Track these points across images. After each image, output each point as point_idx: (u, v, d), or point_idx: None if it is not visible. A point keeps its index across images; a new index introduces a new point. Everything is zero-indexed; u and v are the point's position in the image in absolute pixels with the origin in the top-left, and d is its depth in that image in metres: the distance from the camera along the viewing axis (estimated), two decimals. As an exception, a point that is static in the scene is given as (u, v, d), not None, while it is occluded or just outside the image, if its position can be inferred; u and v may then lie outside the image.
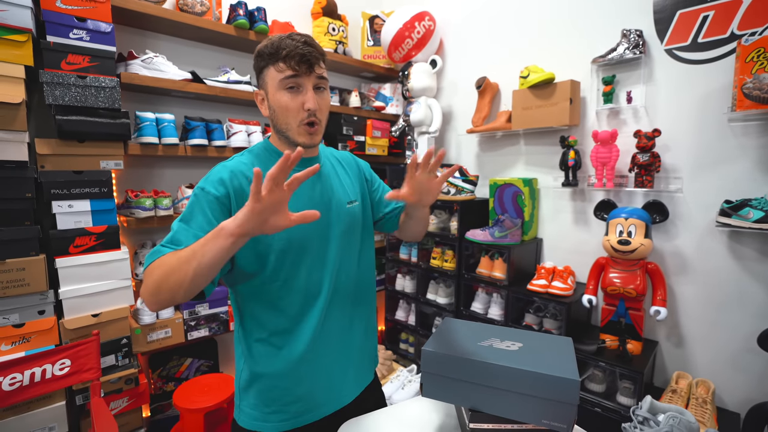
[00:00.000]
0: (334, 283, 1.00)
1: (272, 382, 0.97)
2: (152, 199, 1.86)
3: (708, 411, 1.49)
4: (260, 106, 0.99)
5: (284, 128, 0.94)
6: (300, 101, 0.92)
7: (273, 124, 0.97)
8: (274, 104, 0.93)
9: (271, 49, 0.91)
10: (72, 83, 1.52)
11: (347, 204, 1.04)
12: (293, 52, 0.89)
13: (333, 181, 1.04)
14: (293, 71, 0.90)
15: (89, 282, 1.64)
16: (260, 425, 0.98)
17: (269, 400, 0.98)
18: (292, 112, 0.92)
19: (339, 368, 1.04)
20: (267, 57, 0.92)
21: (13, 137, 1.43)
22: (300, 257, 0.94)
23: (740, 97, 1.45)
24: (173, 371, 2.10)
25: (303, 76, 0.91)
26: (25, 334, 1.53)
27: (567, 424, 0.75)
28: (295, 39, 0.90)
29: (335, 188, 1.03)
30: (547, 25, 2.14)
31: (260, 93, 0.98)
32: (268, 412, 0.98)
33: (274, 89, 0.93)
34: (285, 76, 0.91)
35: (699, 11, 1.65)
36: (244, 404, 1.00)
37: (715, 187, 1.64)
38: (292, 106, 0.92)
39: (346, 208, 1.03)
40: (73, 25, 1.54)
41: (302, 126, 0.93)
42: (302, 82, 0.92)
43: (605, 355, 1.71)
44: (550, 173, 2.15)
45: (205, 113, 2.19)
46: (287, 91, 0.92)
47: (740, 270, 1.61)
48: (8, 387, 1.33)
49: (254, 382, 0.98)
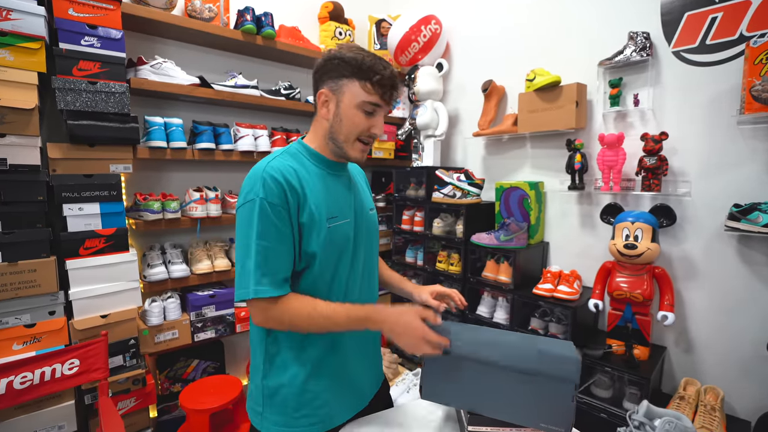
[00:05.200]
0: (361, 284, 1.04)
1: (303, 385, 0.96)
2: (160, 202, 1.89)
3: (717, 419, 1.47)
4: (321, 106, 0.98)
5: (343, 139, 0.96)
6: (370, 124, 0.96)
7: (330, 130, 0.97)
8: (345, 116, 0.95)
9: (363, 66, 0.92)
10: (83, 89, 1.55)
11: (369, 210, 1.11)
12: (386, 82, 0.93)
13: (358, 189, 1.10)
14: (380, 100, 0.94)
15: (98, 283, 1.68)
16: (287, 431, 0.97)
17: (299, 404, 0.96)
18: (359, 130, 0.95)
19: (361, 368, 1.07)
20: (356, 70, 0.92)
21: (27, 142, 1.47)
22: (339, 258, 0.98)
23: (749, 100, 1.43)
24: (180, 372, 2.12)
25: (384, 106, 0.96)
26: (36, 334, 1.56)
27: (565, 427, 0.75)
28: (387, 68, 0.93)
29: (361, 195, 1.09)
30: (554, 27, 2.13)
31: (328, 95, 0.96)
32: (297, 417, 0.97)
33: (351, 104, 0.94)
34: (370, 101, 0.93)
35: (707, 13, 1.63)
36: (269, 412, 0.98)
37: (724, 191, 1.62)
38: (362, 126, 0.95)
39: (369, 214, 1.09)
40: (85, 32, 1.57)
41: (359, 142, 0.97)
42: (379, 110, 0.96)
43: (612, 361, 1.69)
44: (557, 177, 2.13)
45: (213, 117, 2.22)
46: (364, 112, 0.94)
47: (750, 275, 1.58)
48: (19, 385, 1.36)
49: (283, 387, 0.96)
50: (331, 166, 1.01)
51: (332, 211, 0.95)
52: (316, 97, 0.98)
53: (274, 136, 2.25)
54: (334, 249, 0.95)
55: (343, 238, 0.97)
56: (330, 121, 0.97)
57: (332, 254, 0.95)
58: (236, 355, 2.47)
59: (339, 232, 0.96)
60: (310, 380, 0.97)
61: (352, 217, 1.01)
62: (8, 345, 1.52)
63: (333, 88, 0.95)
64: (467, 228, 2.20)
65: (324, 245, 0.93)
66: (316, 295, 0.94)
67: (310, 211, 0.91)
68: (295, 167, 0.94)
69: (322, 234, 0.92)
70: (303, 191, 0.91)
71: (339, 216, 0.96)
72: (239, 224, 0.91)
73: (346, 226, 0.98)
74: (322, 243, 0.93)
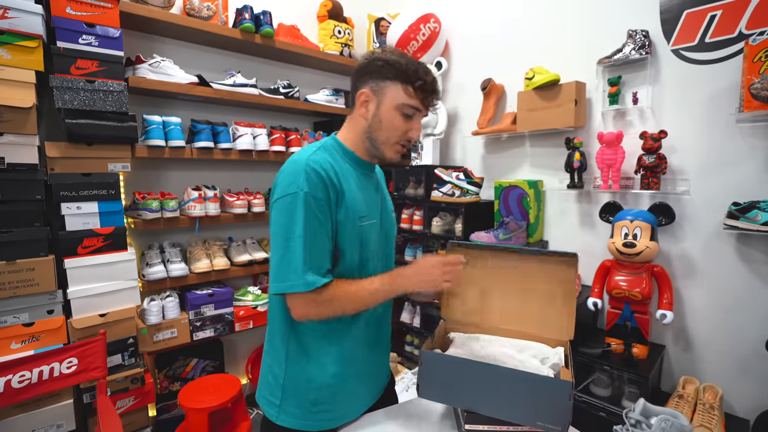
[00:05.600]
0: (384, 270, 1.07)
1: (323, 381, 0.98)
2: (159, 201, 1.89)
3: (715, 417, 1.46)
4: (360, 105, 0.99)
5: (381, 140, 0.98)
6: (408, 127, 0.98)
7: (368, 130, 0.99)
8: (384, 118, 0.97)
9: (407, 70, 0.94)
10: (81, 87, 1.55)
11: (391, 212, 1.15)
12: (428, 88, 0.96)
13: (383, 190, 1.13)
14: (420, 104, 0.96)
15: (97, 282, 1.68)
16: (303, 424, 0.98)
17: (317, 399, 0.98)
18: (398, 133, 0.98)
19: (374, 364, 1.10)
20: (399, 74, 0.94)
21: (24, 140, 1.47)
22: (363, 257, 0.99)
23: (748, 98, 1.43)
24: (179, 371, 2.12)
25: (423, 110, 0.98)
26: (35, 333, 1.56)
27: (561, 426, 0.75)
28: (429, 75, 0.97)
29: (385, 197, 1.12)
30: (552, 26, 2.13)
31: (369, 95, 0.97)
32: (315, 411, 0.98)
33: (391, 106, 0.96)
34: (410, 105, 0.95)
35: (706, 11, 1.63)
36: (287, 404, 0.98)
37: (723, 189, 1.61)
38: (401, 129, 0.97)
39: (390, 216, 1.14)
40: (83, 30, 1.57)
41: (397, 146, 1.00)
42: (418, 114, 0.99)
43: (610, 359, 1.68)
44: (556, 175, 2.13)
45: (211, 116, 2.22)
46: (403, 115, 0.96)
47: (748, 273, 1.58)
48: (17, 384, 1.36)
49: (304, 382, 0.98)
50: (363, 165, 1.03)
51: (363, 210, 0.97)
52: (356, 96, 1.00)
53: (273, 135, 2.25)
54: (361, 248, 0.98)
55: (369, 238, 1.00)
56: (369, 121, 0.98)
57: (359, 253, 0.97)
58: (235, 354, 2.47)
59: (367, 231, 0.98)
60: (330, 376, 0.98)
61: (378, 218, 1.04)
62: (6, 344, 1.52)
63: (374, 88, 0.97)
64: (466, 227, 2.19)
65: (353, 243, 0.95)
66: None
67: (346, 208, 0.93)
68: (333, 164, 0.95)
69: (353, 232, 0.95)
70: (341, 188, 0.93)
71: (368, 216, 0.99)
72: (278, 216, 0.90)
73: (374, 226, 1.01)
74: (352, 241, 0.95)
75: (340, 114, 2.54)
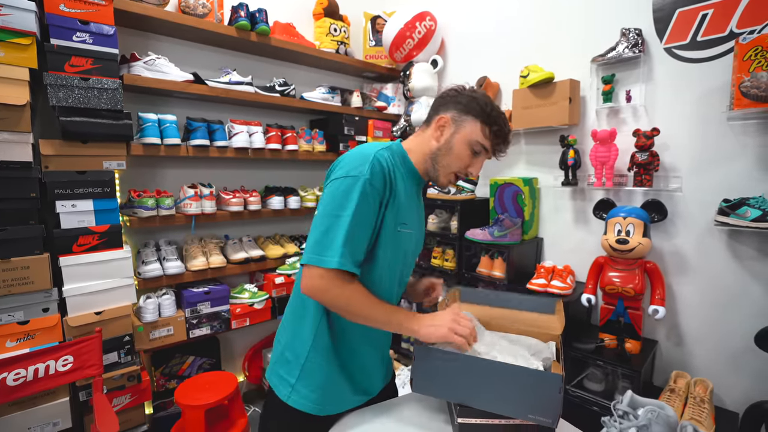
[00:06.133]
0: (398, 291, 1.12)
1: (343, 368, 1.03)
2: (154, 199, 1.89)
3: (706, 410, 1.49)
4: (437, 128, 1.02)
5: (442, 166, 1.02)
6: (471, 163, 1.03)
7: (434, 153, 1.02)
8: (455, 147, 1.00)
9: (491, 113, 0.99)
10: (75, 85, 1.55)
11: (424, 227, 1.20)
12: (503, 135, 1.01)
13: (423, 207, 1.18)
14: (490, 147, 1.01)
15: (92, 280, 1.67)
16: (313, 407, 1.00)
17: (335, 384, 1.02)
18: (460, 165, 1.02)
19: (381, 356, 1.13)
20: (482, 113, 0.99)
21: (18, 138, 1.47)
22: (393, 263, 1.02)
23: (738, 96, 1.45)
24: (175, 369, 2.13)
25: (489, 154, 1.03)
26: (30, 331, 1.56)
27: (552, 419, 0.76)
28: (507, 126, 1.02)
29: (423, 213, 1.17)
30: (547, 24, 2.14)
31: (447, 122, 1.01)
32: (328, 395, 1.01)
33: (465, 138, 1.00)
34: (483, 144, 1.00)
35: (698, 9, 1.64)
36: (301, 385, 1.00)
37: (714, 186, 1.63)
38: (465, 162, 1.02)
39: (423, 230, 1.18)
40: (77, 28, 1.57)
41: (453, 175, 1.04)
42: (484, 155, 1.03)
43: (604, 354, 1.70)
44: (551, 173, 2.14)
45: (207, 114, 2.22)
46: (472, 150, 1.01)
47: (739, 269, 1.60)
48: (12, 382, 1.37)
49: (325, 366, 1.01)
50: (416, 178, 1.07)
51: (406, 218, 1.01)
52: (434, 118, 1.03)
53: (269, 133, 2.25)
54: (393, 253, 1.01)
55: (403, 246, 1.03)
56: (438, 145, 1.02)
57: (390, 257, 1.00)
58: (231, 352, 2.48)
59: (403, 239, 1.02)
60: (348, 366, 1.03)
61: (416, 230, 1.08)
62: (2, 342, 1.51)
63: (455, 118, 1.01)
64: (462, 224, 2.21)
65: (388, 245, 0.98)
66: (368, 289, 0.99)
67: (394, 210, 0.97)
68: (393, 165, 0.99)
69: (392, 235, 0.98)
70: (396, 189, 0.97)
71: (408, 224, 1.02)
72: (333, 193, 0.92)
73: (409, 236, 1.04)
74: (387, 243, 0.98)
75: (336, 112, 2.54)
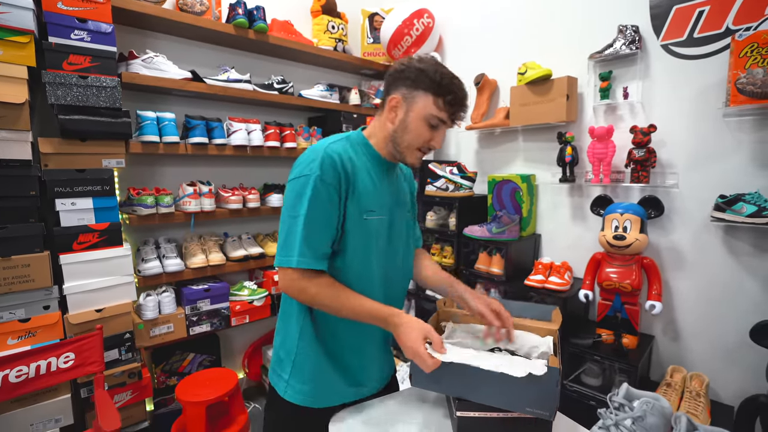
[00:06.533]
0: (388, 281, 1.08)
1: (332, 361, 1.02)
2: (154, 197, 1.89)
3: (702, 404, 1.50)
4: (390, 110, 1.00)
5: (404, 146, 1.00)
6: (431, 137, 1.00)
7: (393, 135, 1.00)
8: (411, 125, 0.98)
9: (440, 82, 0.95)
10: (74, 83, 1.55)
11: (407, 212, 1.15)
12: (458, 103, 0.97)
13: (401, 190, 1.13)
14: (447, 118, 0.98)
15: (93, 278, 1.68)
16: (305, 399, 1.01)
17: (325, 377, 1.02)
18: (420, 141, 0.99)
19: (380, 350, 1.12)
20: (433, 85, 0.95)
21: (17, 137, 1.47)
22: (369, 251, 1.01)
23: (734, 92, 1.46)
24: (176, 366, 2.14)
25: (449, 124, 1.00)
26: (31, 329, 1.57)
27: (549, 411, 0.78)
28: (462, 90, 0.97)
29: (401, 196, 1.13)
30: (544, 21, 2.14)
31: (398, 100, 0.98)
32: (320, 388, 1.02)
33: (419, 115, 0.97)
34: (438, 117, 0.96)
35: (695, 6, 1.65)
36: (294, 380, 1.02)
37: (711, 182, 1.65)
38: (425, 137, 0.99)
39: (405, 214, 1.14)
40: (74, 26, 1.56)
41: (418, 152, 1.01)
42: (443, 126, 1.00)
43: (601, 349, 1.72)
44: (548, 169, 2.15)
45: (206, 112, 2.22)
46: (429, 125, 0.98)
47: (735, 264, 1.62)
48: (15, 379, 1.37)
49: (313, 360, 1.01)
50: (383, 164, 1.05)
51: (371, 205, 1.00)
52: (386, 100, 1.01)
53: (267, 131, 2.25)
54: (364, 241, 0.99)
55: (374, 233, 1.01)
56: (395, 126, 1.00)
57: (360, 246, 0.99)
58: (231, 349, 2.49)
59: (372, 226, 1.00)
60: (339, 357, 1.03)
61: (387, 215, 1.05)
62: (3, 339, 1.52)
63: (406, 95, 0.98)
64: (460, 221, 2.22)
65: (356, 236, 0.98)
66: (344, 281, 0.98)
67: (355, 200, 0.96)
68: (352, 156, 0.98)
69: (359, 226, 0.97)
70: (353, 179, 0.96)
71: (376, 211, 1.01)
72: (289, 195, 0.95)
73: (380, 222, 1.02)
74: (356, 234, 0.97)
75: (335, 109, 2.54)
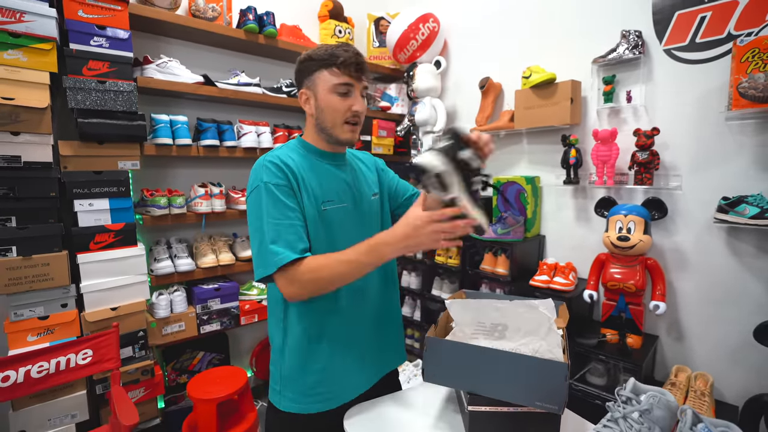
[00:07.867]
0: None
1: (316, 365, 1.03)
2: (167, 198, 1.94)
3: (706, 403, 1.53)
4: (304, 104, 1.06)
5: (330, 125, 1.03)
6: (349, 104, 1.02)
7: (317, 122, 1.04)
8: (324, 104, 1.02)
9: (326, 55, 1.00)
10: (93, 88, 1.60)
11: (372, 196, 1.15)
12: (349, 61, 0.99)
13: (359, 176, 1.15)
14: (348, 78, 1.00)
15: (108, 277, 1.73)
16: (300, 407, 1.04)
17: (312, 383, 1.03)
18: (340, 112, 1.02)
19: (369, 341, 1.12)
20: (320, 61, 1.00)
21: (39, 140, 1.52)
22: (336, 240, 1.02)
23: (736, 97, 1.49)
24: (186, 364, 2.18)
25: (354, 83, 1.02)
26: (50, 326, 1.62)
27: (558, 405, 0.81)
28: (349, 50, 1.01)
29: (362, 182, 1.14)
30: (549, 26, 2.18)
31: (306, 93, 1.04)
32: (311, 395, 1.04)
33: (326, 91, 1.01)
34: (340, 82, 1.00)
35: (697, 12, 1.68)
36: (286, 390, 1.05)
37: (713, 184, 1.67)
38: (341, 108, 1.01)
39: (371, 199, 1.15)
40: (94, 32, 1.62)
41: (346, 125, 1.03)
42: (352, 89, 1.02)
43: (606, 349, 1.75)
44: (553, 171, 2.19)
45: (217, 115, 2.27)
46: (338, 94, 1.01)
47: (738, 265, 1.64)
48: (36, 374, 1.42)
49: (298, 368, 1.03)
50: (326, 156, 1.08)
51: (328, 195, 1.03)
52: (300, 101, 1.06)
53: (277, 133, 2.30)
54: (327, 231, 1.02)
55: (338, 222, 1.03)
56: (315, 115, 1.04)
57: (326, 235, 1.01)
58: (240, 347, 2.53)
59: (333, 216, 1.03)
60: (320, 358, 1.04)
61: (350, 203, 1.07)
62: (23, 336, 1.57)
63: (308, 85, 1.03)
64: (466, 222, 2.25)
65: (318, 227, 1.00)
66: None
67: (307, 193, 0.99)
68: (292, 156, 1.02)
69: (317, 216, 1.00)
70: (300, 175, 1.00)
71: (335, 200, 1.04)
72: (249, 212, 0.98)
73: (343, 210, 1.05)
74: (318, 225, 1.00)
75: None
